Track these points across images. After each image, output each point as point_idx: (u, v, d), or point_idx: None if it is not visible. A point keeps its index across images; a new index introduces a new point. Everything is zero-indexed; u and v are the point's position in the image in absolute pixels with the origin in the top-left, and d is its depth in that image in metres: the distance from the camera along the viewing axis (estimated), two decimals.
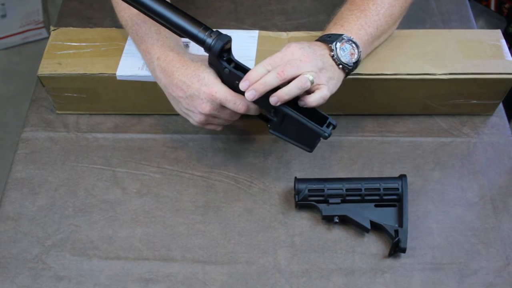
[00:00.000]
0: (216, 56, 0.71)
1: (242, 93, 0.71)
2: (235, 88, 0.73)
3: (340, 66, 0.75)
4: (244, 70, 0.73)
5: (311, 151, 0.77)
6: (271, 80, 0.70)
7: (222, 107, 0.74)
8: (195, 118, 0.76)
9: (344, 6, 0.83)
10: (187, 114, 0.78)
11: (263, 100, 0.71)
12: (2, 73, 1.90)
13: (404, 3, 0.83)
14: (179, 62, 0.75)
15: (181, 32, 0.72)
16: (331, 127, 0.73)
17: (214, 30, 0.72)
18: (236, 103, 0.73)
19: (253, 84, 0.70)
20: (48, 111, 0.93)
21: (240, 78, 0.72)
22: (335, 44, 0.75)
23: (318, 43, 0.76)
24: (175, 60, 0.75)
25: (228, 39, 0.71)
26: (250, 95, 0.70)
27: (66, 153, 0.88)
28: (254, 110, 0.75)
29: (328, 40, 0.76)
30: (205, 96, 0.73)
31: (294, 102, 0.73)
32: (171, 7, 0.72)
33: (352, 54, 0.75)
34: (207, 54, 0.73)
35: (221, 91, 0.72)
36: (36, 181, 0.85)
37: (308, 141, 0.76)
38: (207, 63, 0.74)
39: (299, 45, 0.73)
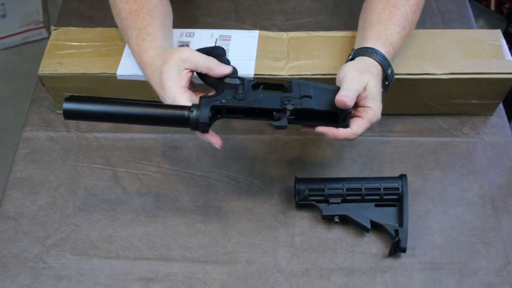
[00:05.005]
0: (208, 126, 0.67)
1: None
2: None
3: None
4: (240, 108, 0.68)
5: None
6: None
7: None
8: None
9: (388, 13, 0.80)
10: None
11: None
12: (2, 73, 1.90)
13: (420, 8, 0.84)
14: (149, 67, 0.74)
15: (158, 123, 0.69)
16: (348, 117, 0.69)
17: (192, 104, 0.67)
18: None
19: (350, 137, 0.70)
20: (48, 110, 0.93)
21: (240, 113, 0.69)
22: (391, 80, 0.77)
23: (379, 69, 0.75)
24: (147, 65, 0.75)
25: (212, 105, 0.66)
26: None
27: (66, 152, 0.88)
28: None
29: (389, 76, 0.77)
30: (171, 101, 0.71)
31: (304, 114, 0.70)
32: (143, 104, 0.67)
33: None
34: (175, 49, 0.72)
35: (182, 99, 0.70)
36: (37, 180, 0.86)
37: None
38: (169, 66, 0.70)
39: (379, 94, 0.72)
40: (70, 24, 0.93)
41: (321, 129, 0.70)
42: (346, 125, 0.70)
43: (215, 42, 0.87)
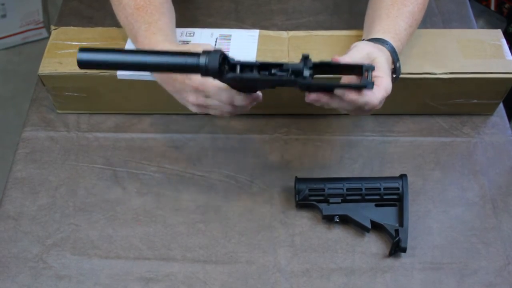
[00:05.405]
0: (218, 74, 0.63)
1: (251, 90, 0.69)
2: (247, 87, 0.69)
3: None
4: (251, 66, 0.65)
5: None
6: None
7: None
8: (191, 109, 0.74)
9: (396, 9, 0.80)
10: (185, 105, 0.76)
11: (260, 84, 0.67)
12: (2, 73, 1.90)
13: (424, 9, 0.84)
14: None
15: (167, 70, 0.67)
16: (369, 73, 0.64)
17: (202, 51, 0.65)
18: (221, 96, 0.69)
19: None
20: (48, 110, 0.93)
21: (253, 80, 0.65)
22: (398, 75, 0.77)
23: (390, 57, 0.75)
24: None
25: (220, 52, 0.63)
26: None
27: (66, 152, 0.88)
28: (240, 101, 0.71)
29: (397, 69, 0.77)
30: (190, 88, 0.70)
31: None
32: (149, 52, 0.66)
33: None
34: (193, 43, 0.71)
35: (205, 85, 0.69)
36: (37, 180, 0.85)
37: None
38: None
39: (389, 70, 0.72)
40: (70, 24, 0.93)
41: (339, 91, 0.66)
42: (371, 85, 0.64)
43: (215, 42, 0.87)
